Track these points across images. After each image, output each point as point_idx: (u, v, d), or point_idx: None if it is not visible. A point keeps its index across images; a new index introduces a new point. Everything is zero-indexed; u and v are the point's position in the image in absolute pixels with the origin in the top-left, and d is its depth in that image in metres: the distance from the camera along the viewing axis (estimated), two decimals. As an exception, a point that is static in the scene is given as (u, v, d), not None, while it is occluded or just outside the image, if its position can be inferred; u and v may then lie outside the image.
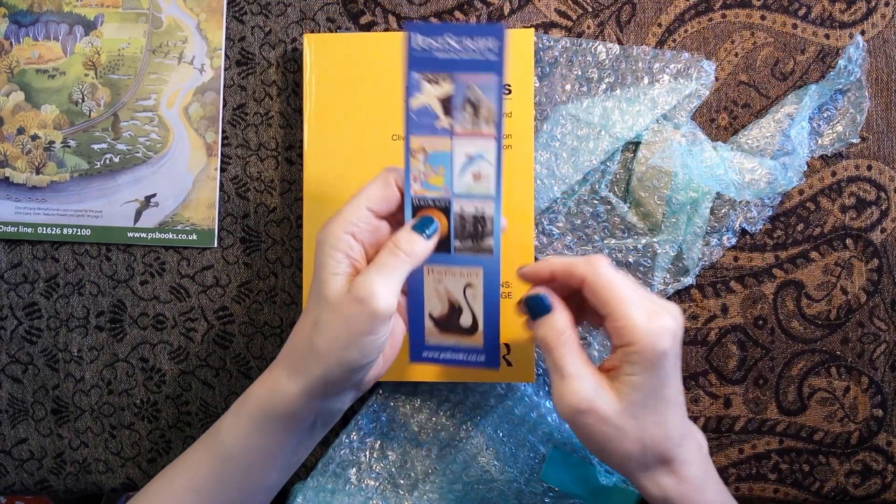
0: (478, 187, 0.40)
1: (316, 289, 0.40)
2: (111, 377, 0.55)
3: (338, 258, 0.39)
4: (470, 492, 0.52)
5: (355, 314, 0.38)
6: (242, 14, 0.55)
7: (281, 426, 0.41)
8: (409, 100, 0.39)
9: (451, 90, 0.38)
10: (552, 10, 0.54)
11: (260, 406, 0.41)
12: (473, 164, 0.40)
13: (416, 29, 0.38)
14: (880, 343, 0.53)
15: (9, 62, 0.55)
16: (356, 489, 0.52)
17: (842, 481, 0.53)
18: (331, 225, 0.40)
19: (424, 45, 0.38)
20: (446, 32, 0.38)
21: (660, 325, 0.37)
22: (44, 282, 0.55)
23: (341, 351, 0.38)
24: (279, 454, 0.42)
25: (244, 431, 0.41)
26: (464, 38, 0.38)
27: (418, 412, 0.54)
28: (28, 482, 0.55)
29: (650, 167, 0.53)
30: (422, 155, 0.40)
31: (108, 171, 0.54)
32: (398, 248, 0.39)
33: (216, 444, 0.42)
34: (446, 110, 0.39)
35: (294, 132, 0.55)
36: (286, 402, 0.40)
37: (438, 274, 0.42)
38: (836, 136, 0.54)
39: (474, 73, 0.38)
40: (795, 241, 0.53)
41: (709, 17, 0.54)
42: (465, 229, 0.41)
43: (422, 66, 0.38)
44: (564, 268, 0.40)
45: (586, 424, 0.37)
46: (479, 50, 0.38)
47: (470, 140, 0.39)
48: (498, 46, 0.37)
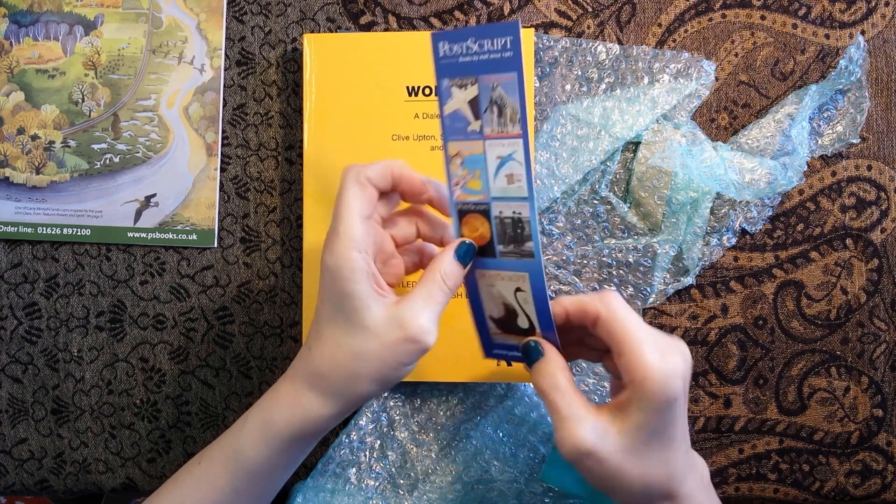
0: (512, 189, 0.40)
1: (346, 317, 0.39)
2: (111, 377, 0.55)
3: (363, 282, 0.38)
4: (470, 492, 0.52)
5: (408, 350, 0.38)
6: (242, 14, 0.55)
7: (306, 445, 0.42)
8: (442, 107, 0.39)
9: (478, 93, 0.39)
10: (552, 10, 0.54)
11: (290, 430, 0.40)
12: (505, 165, 0.40)
13: (441, 37, 0.39)
14: (880, 343, 0.53)
15: (9, 62, 0.55)
16: (356, 489, 0.52)
17: (842, 481, 0.53)
18: (338, 247, 0.39)
19: (450, 52, 0.39)
20: (469, 37, 0.38)
21: (671, 366, 0.37)
22: (44, 282, 0.55)
23: (386, 378, 0.39)
24: (300, 460, 0.44)
25: (272, 452, 0.41)
26: (483, 39, 0.38)
27: (418, 412, 0.54)
28: (28, 482, 0.55)
29: (650, 167, 0.53)
30: (459, 160, 0.40)
31: (108, 171, 0.54)
32: (445, 281, 0.39)
33: (239, 461, 0.41)
34: (475, 114, 0.39)
35: (294, 132, 0.55)
36: (320, 425, 0.41)
37: (490, 278, 0.42)
38: (837, 136, 0.54)
39: (496, 73, 0.38)
40: (795, 241, 0.53)
41: (709, 17, 0.54)
42: (506, 233, 0.40)
43: (450, 73, 0.39)
44: (577, 307, 0.40)
45: (589, 466, 0.37)
46: (497, 49, 0.38)
47: (499, 141, 0.39)
48: (512, 43, 0.38)
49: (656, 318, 0.54)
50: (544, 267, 0.48)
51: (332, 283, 0.39)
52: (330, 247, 0.39)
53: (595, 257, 0.53)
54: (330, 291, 0.39)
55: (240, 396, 0.54)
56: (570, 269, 0.53)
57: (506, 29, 0.38)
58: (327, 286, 0.39)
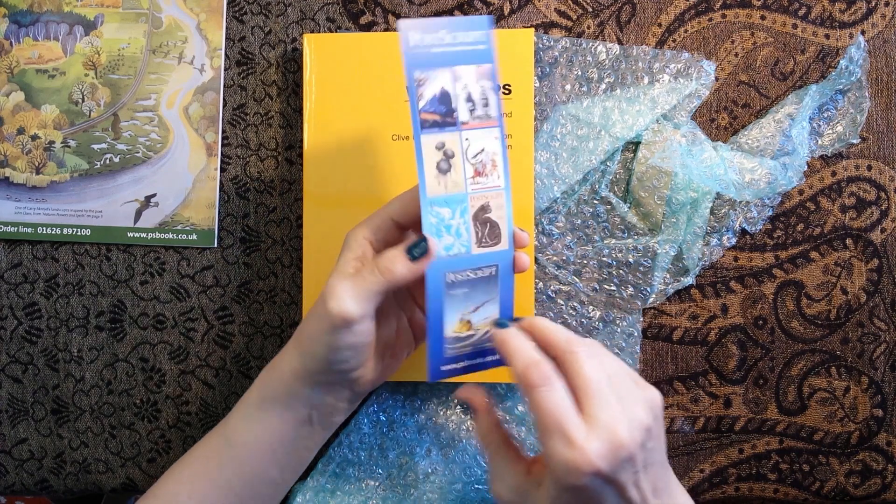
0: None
1: None
2: (111, 377, 0.55)
3: (347, 258, 0.41)
4: (470, 492, 0.52)
5: (319, 312, 0.40)
6: (242, 14, 0.55)
7: (277, 410, 0.43)
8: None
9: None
10: (552, 10, 0.54)
11: (260, 386, 0.44)
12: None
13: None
14: (880, 343, 0.53)
15: (9, 62, 0.55)
16: (356, 489, 0.52)
17: (842, 481, 0.53)
18: (356, 227, 0.42)
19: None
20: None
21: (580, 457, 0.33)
22: (44, 282, 0.55)
23: (311, 343, 0.41)
24: (277, 446, 0.43)
25: (244, 413, 0.44)
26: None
27: (418, 412, 0.54)
28: (28, 482, 0.55)
29: (650, 167, 0.53)
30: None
31: (108, 171, 0.54)
32: (376, 266, 0.40)
33: (226, 429, 0.44)
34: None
35: (294, 132, 0.55)
36: (279, 380, 0.43)
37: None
38: (837, 136, 0.54)
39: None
40: (795, 241, 0.54)
41: (709, 17, 0.54)
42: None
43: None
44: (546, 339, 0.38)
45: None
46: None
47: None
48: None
49: (656, 318, 0.54)
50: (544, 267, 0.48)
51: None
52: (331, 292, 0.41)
53: (595, 257, 0.53)
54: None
55: (240, 396, 0.54)
56: (570, 269, 0.53)
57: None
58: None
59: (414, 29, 0.39)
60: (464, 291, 0.41)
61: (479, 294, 0.42)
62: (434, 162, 0.40)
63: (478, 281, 0.42)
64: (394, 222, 0.42)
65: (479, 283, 0.42)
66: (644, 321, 0.54)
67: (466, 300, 0.42)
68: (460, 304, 0.42)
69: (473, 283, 0.42)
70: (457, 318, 0.42)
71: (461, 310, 0.42)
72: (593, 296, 0.53)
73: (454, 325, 0.42)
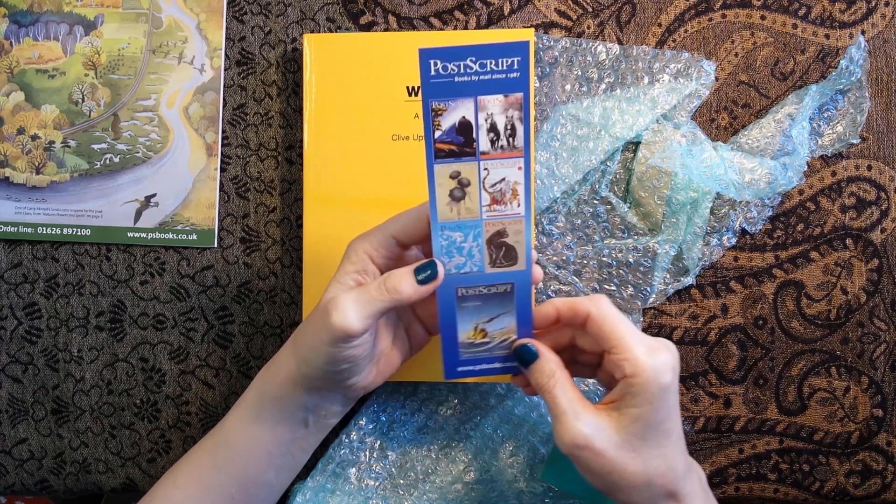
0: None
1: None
2: (111, 377, 0.55)
3: (347, 271, 0.41)
4: (470, 492, 0.52)
5: (321, 325, 0.40)
6: (242, 14, 0.55)
7: (273, 413, 0.43)
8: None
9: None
10: (552, 10, 0.54)
11: (258, 389, 0.44)
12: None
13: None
14: (880, 343, 0.53)
15: (9, 62, 0.55)
16: (356, 489, 0.52)
17: (842, 481, 0.53)
18: (357, 240, 0.42)
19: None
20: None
21: (662, 359, 0.38)
22: (44, 282, 0.55)
23: (309, 351, 0.41)
24: (273, 448, 0.43)
25: (241, 416, 0.44)
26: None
27: (418, 412, 0.54)
28: (28, 482, 0.55)
29: (650, 167, 0.53)
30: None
31: (108, 171, 0.54)
32: (383, 284, 0.40)
33: (221, 431, 0.44)
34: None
35: (294, 132, 0.55)
36: (276, 383, 0.43)
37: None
38: (837, 136, 0.54)
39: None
40: (795, 241, 0.53)
41: (709, 17, 0.54)
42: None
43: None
44: (568, 306, 0.41)
45: (585, 458, 0.38)
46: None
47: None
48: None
49: (656, 318, 0.54)
50: (544, 267, 0.48)
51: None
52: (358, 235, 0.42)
53: (595, 257, 0.53)
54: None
55: (240, 396, 0.54)
56: (570, 269, 0.53)
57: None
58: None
59: (436, 57, 0.36)
60: (476, 304, 0.41)
61: (492, 307, 0.42)
62: (447, 190, 0.39)
63: (491, 296, 0.41)
64: (395, 240, 0.41)
65: (493, 298, 0.41)
66: (644, 321, 0.54)
67: (479, 311, 0.42)
68: (473, 314, 0.42)
69: (486, 297, 0.41)
70: (470, 326, 0.42)
71: (474, 319, 0.42)
72: (593, 296, 0.53)
73: (468, 332, 0.42)
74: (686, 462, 0.40)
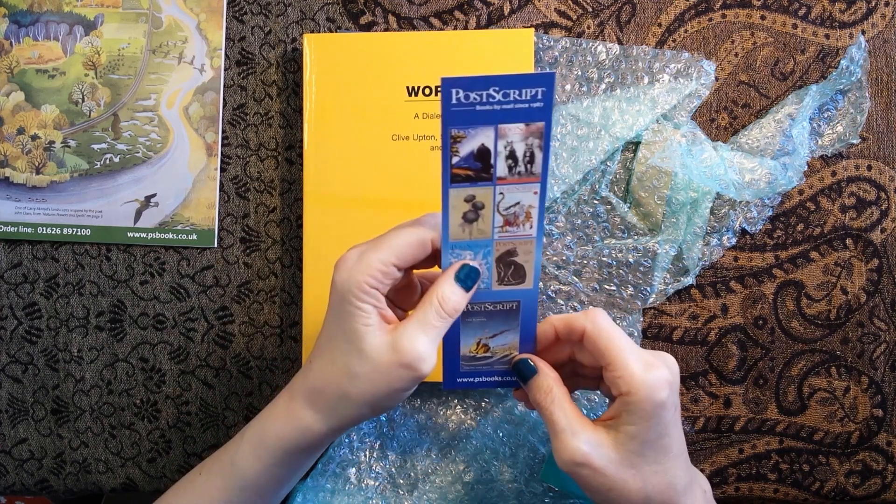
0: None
1: (345, 337, 0.39)
2: (111, 377, 0.55)
3: (367, 310, 0.38)
4: (470, 492, 0.52)
5: (401, 377, 0.38)
6: (242, 14, 0.55)
7: (303, 458, 0.42)
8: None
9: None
10: (552, 10, 0.54)
11: (283, 445, 0.40)
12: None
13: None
14: (880, 343, 0.53)
15: (9, 62, 0.55)
16: (356, 489, 0.52)
17: (842, 481, 0.53)
18: (354, 273, 0.38)
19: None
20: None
21: (657, 375, 0.37)
22: (44, 282, 0.55)
23: (378, 402, 0.39)
24: (297, 474, 0.43)
25: (266, 466, 0.41)
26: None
27: (418, 412, 0.54)
28: (28, 482, 0.55)
29: (650, 167, 0.53)
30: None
31: (108, 171, 0.54)
32: (444, 307, 0.38)
33: (234, 475, 0.41)
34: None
35: (294, 132, 0.55)
36: (314, 441, 0.41)
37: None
38: (837, 136, 0.54)
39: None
40: (795, 241, 0.53)
41: (709, 17, 0.54)
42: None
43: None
44: (564, 322, 0.41)
45: (584, 476, 0.38)
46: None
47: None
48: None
49: (656, 318, 0.54)
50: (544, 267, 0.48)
51: (337, 302, 0.39)
52: (344, 265, 0.39)
53: (595, 257, 0.53)
54: (335, 309, 0.39)
55: (240, 396, 0.54)
56: (570, 269, 0.53)
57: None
58: (333, 304, 0.39)
59: (458, 86, 0.35)
60: (481, 320, 0.41)
61: (496, 323, 0.42)
62: (461, 212, 0.38)
63: (496, 313, 0.41)
64: (396, 268, 0.39)
65: (498, 315, 0.41)
66: (644, 321, 0.54)
67: (483, 327, 0.42)
68: (477, 329, 0.42)
69: (491, 314, 0.41)
70: (473, 341, 0.42)
71: (478, 334, 0.42)
72: (593, 296, 0.53)
73: (470, 346, 0.42)
74: (688, 476, 0.40)
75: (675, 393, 0.38)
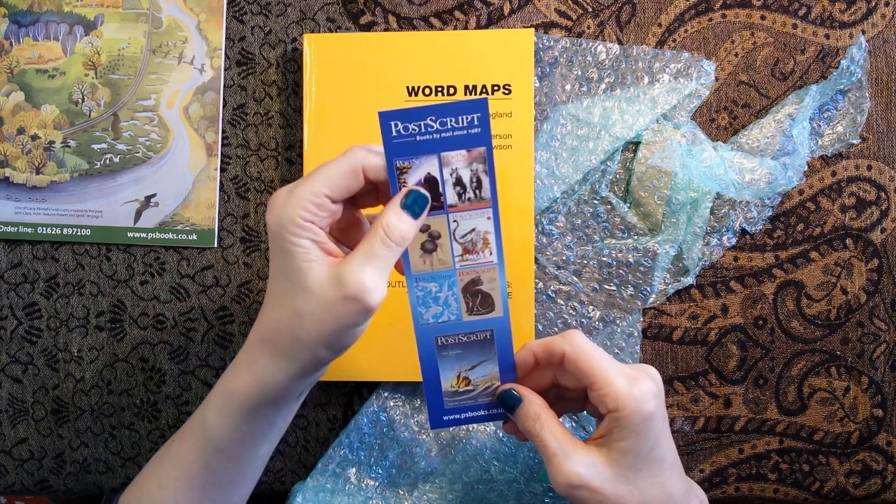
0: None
1: (287, 277, 0.37)
2: (111, 377, 0.55)
3: (305, 245, 0.36)
4: (470, 492, 0.52)
5: (349, 310, 0.36)
6: (242, 14, 0.55)
7: (270, 410, 0.41)
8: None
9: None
10: (552, 10, 0.54)
11: (247, 398, 0.40)
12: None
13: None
14: (880, 343, 0.53)
15: (9, 62, 0.55)
16: (356, 489, 0.52)
17: (842, 481, 0.53)
18: (286, 209, 0.36)
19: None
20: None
21: (643, 388, 0.38)
22: (44, 282, 0.55)
23: (330, 340, 0.37)
24: (267, 431, 0.42)
25: (234, 423, 0.40)
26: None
27: (418, 412, 0.54)
28: (28, 482, 0.55)
29: (650, 167, 0.53)
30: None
31: (108, 171, 0.54)
32: (390, 235, 0.37)
33: (205, 437, 0.41)
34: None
35: (294, 132, 0.55)
36: (275, 390, 0.39)
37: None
38: (837, 136, 0.54)
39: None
40: (795, 241, 0.53)
41: (709, 17, 0.54)
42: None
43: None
44: (542, 347, 0.41)
45: (583, 497, 0.38)
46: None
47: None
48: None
49: (656, 318, 0.54)
50: (544, 267, 0.48)
51: (274, 243, 0.37)
52: (274, 204, 0.37)
53: (595, 257, 0.53)
54: (274, 252, 0.38)
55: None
56: (570, 269, 0.53)
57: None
58: (272, 247, 0.38)
59: (396, 119, 0.37)
60: (457, 353, 0.42)
61: (473, 355, 0.42)
62: (418, 243, 0.39)
63: (471, 344, 0.41)
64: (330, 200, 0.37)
65: (473, 346, 0.41)
66: (644, 321, 0.54)
67: (461, 360, 0.42)
68: (455, 362, 0.42)
69: (466, 345, 0.41)
70: (452, 374, 0.42)
71: (457, 367, 0.42)
72: (593, 296, 0.53)
73: (451, 380, 0.42)
74: (684, 486, 0.40)
75: (662, 403, 0.39)
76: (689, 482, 0.41)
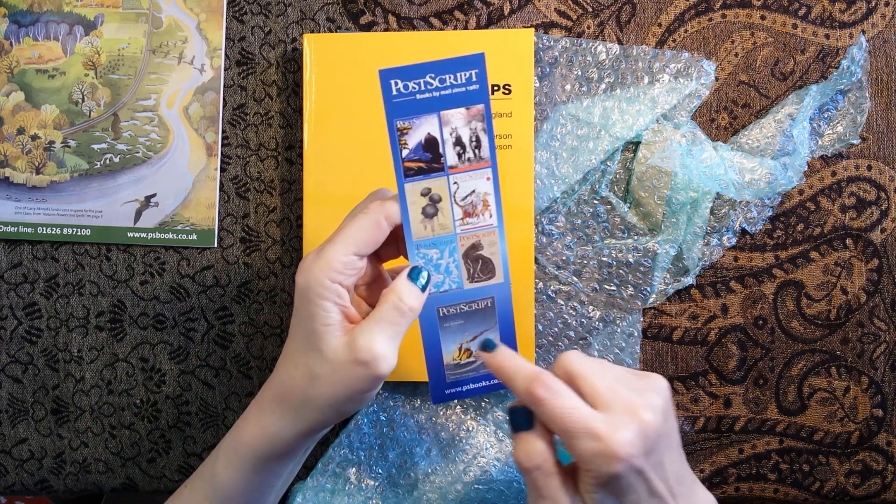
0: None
1: (306, 338, 0.38)
2: (111, 377, 0.55)
3: (327, 308, 0.37)
4: (470, 492, 0.52)
5: (359, 376, 0.37)
6: (242, 14, 0.55)
7: (278, 464, 0.41)
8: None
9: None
10: (552, 10, 0.54)
11: (255, 452, 0.40)
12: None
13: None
14: (880, 343, 0.53)
15: (9, 62, 0.55)
16: (356, 489, 0.52)
17: (842, 481, 0.53)
18: (314, 270, 0.37)
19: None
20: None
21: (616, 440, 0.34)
22: (44, 282, 0.55)
23: (340, 405, 0.38)
24: (274, 482, 0.43)
25: (242, 474, 0.41)
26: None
27: (418, 412, 0.54)
28: (28, 482, 0.55)
29: (650, 167, 0.53)
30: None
31: (108, 171, 0.54)
32: (402, 304, 0.37)
33: (214, 487, 0.41)
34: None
35: (294, 132, 0.55)
36: (283, 446, 0.40)
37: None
38: (837, 136, 0.54)
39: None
40: (795, 241, 0.54)
41: (709, 17, 0.54)
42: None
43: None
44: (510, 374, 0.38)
45: None
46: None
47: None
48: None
49: (656, 318, 0.54)
50: (544, 267, 0.48)
51: (299, 303, 0.38)
52: (303, 267, 0.38)
53: (595, 257, 0.53)
54: (298, 313, 0.39)
55: (240, 396, 0.54)
56: (570, 269, 0.53)
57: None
58: (297, 308, 0.39)
59: (396, 77, 0.37)
60: (458, 323, 0.41)
61: (475, 325, 0.42)
62: (419, 207, 0.39)
63: (472, 313, 0.41)
64: (357, 257, 0.38)
65: (474, 315, 0.41)
66: (644, 321, 0.54)
67: (462, 331, 0.42)
68: (456, 334, 0.42)
69: (467, 315, 0.41)
70: (454, 347, 0.42)
71: (458, 339, 0.42)
72: (593, 296, 0.53)
73: (452, 353, 0.42)
74: None
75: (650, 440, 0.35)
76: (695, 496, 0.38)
